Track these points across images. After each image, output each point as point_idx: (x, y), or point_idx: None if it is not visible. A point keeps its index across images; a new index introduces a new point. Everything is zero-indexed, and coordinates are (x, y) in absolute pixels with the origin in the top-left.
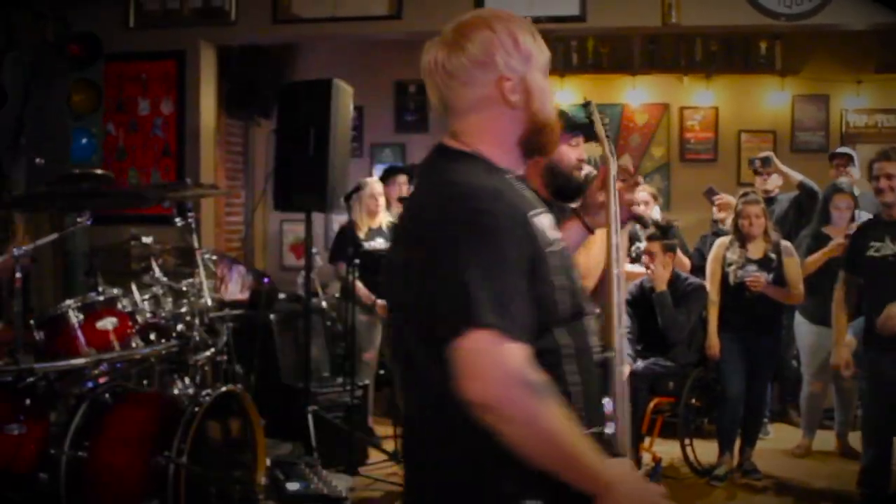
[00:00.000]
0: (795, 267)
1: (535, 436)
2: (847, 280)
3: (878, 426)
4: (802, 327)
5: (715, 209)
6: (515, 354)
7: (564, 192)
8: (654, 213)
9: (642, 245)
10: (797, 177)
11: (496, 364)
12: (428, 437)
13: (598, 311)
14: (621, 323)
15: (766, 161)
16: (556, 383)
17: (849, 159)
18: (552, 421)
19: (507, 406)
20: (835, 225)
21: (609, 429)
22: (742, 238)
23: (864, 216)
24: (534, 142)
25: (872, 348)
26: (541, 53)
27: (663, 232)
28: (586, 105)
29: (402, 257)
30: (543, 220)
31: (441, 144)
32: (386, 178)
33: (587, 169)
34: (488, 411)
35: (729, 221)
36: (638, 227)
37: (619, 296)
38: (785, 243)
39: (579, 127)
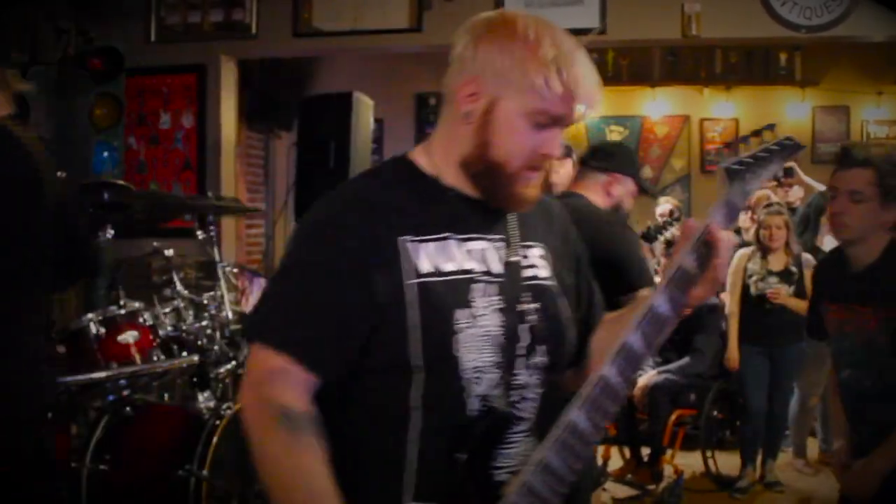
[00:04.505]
0: None
1: None
2: None
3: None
4: None
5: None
6: None
7: None
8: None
9: None
10: (821, 188)
11: None
12: None
13: None
14: (593, 404)
15: (789, 171)
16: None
17: None
18: None
19: None
20: (822, 236)
21: None
22: (764, 249)
23: None
24: None
25: None
26: (552, 102)
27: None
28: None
29: None
30: (441, 247)
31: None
32: None
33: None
34: None
35: (751, 232)
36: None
37: (614, 371)
38: (806, 256)
39: None
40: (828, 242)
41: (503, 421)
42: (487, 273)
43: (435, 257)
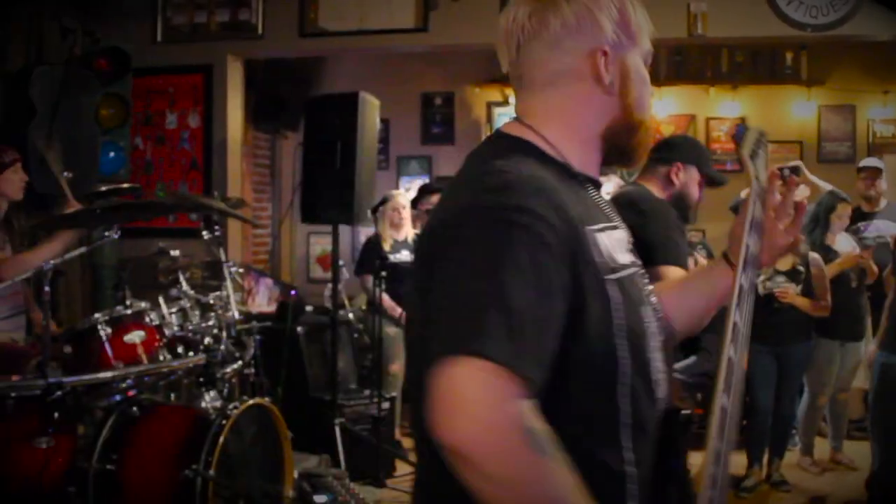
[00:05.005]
0: (823, 279)
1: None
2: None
3: (890, 428)
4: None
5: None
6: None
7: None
8: None
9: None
10: (827, 187)
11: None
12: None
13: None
14: (731, 386)
15: (796, 170)
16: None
17: (877, 172)
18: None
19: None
20: (833, 234)
21: None
22: None
23: (884, 226)
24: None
25: (887, 350)
26: (646, 36)
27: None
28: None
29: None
30: (609, 238)
31: (497, 130)
32: (420, 198)
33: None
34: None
35: None
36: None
37: (734, 350)
38: (813, 255)
39: None
40: (839, 241)
41: (687, 421)
42: (636, 264)
43: (609, 249)
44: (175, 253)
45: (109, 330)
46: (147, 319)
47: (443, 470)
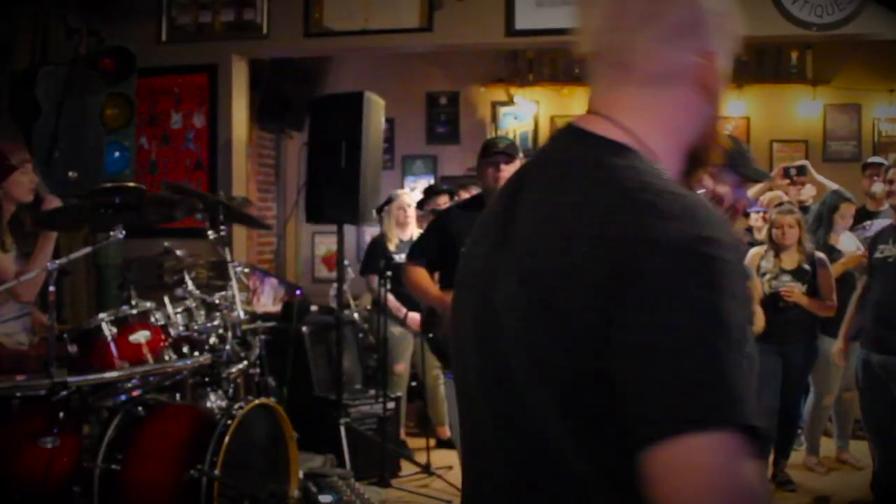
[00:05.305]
0: (829, 279)
1: None
2: (866, 282)
3: (881, 427)
4: None
5: (753, 217)
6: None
7: None
8: None
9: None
10: (832, 186)
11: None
12: None
13: None
14: None
15: (801, 170)
16: None
17: (882, 169)
18: None
19: None
20: (836, 234)
21: None
22: (776, 248)
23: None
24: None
25: (870, 348)
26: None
27: None
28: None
29: (536, 291)
30: None
31: (579, 128)
32: (427, 199)
33: None
34: None
35: (764, 231)
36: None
37: None
38: (819, 255)
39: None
40: (842, 240)
41: None
42: None
43: None
44: (180, 253)
45: (114, 330)
46: (152, 319)
47: None
